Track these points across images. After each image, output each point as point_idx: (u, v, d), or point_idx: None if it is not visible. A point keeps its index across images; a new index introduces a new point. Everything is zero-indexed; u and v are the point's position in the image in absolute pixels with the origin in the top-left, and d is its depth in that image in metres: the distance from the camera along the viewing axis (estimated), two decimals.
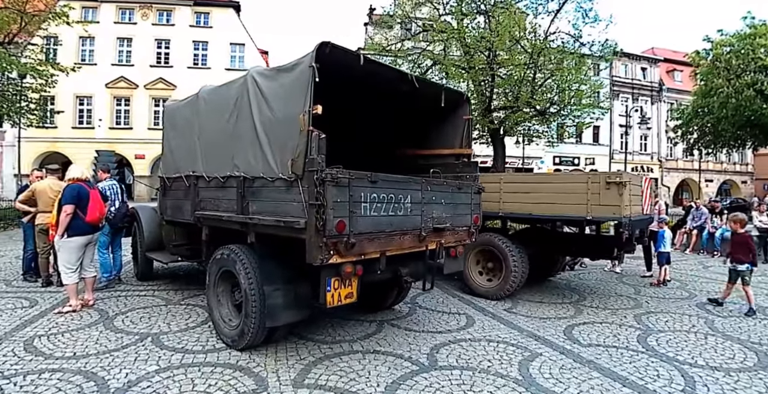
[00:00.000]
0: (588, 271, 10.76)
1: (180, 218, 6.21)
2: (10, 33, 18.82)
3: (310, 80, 3.93)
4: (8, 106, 18.74)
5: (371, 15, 39.95)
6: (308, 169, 3.84)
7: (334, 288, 4.16)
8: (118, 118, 34.65)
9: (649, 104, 44.51)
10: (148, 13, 35.34)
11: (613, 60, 19.87)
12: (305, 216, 3.89)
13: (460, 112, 6.12)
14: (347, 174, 3.92)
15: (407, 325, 6.12)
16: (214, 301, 5.29)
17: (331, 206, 3.79)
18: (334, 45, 4.15)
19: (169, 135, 6.61)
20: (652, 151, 45.59)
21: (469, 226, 5.74)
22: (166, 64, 35.33)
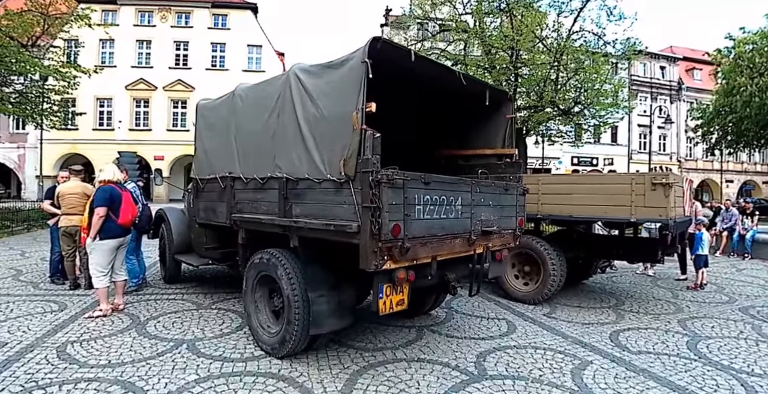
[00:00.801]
0: (620, 274, 10.48)
1: (214, 221, 5.99)
2: (33, 36, 18.82)
3: (362, 77, 3.70)
4: (32, 107, 18.73)
5: (387, 16, 39.80)
6: (362, 170, 3.61)
7: (386, 295, 3.94)
8: (138, 120, 34.73)
9: (668, 103, 43.83)
10: (167, 16, 35.39)
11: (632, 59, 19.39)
12: (357, 220, 3.67)
13: (503, 111, 5.86)
14: (402, 175, 3.69)
15: (447, 331, 5.90)
16: (251, 307, 5.07)
17: (387, 209, 3.56)
18: (384, 40, 3.93)
19: (202, 135, 6.40)
20: (671, 151, 44.88)
21: (514, 229, 5.50)
22: (184, 66, 35.34)
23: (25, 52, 17.21)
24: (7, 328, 5.47)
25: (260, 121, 5.01)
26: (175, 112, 35.13)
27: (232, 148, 5.47)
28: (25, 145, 34.02)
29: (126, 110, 34.26)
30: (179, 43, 35.53)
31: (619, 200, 6.71)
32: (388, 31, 38.89)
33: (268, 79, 5.16)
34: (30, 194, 32.83)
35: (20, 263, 9.88)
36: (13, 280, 8.16)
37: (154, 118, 34.72)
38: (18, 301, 6.69)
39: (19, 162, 34.33)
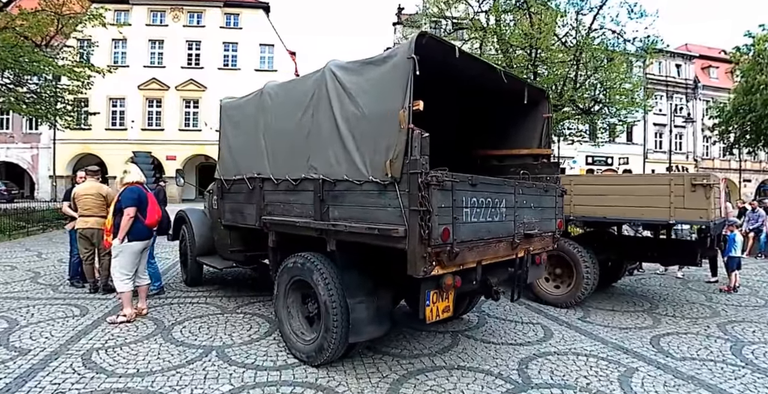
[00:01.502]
0: (648, 276, 10.26)
1: (241, 223, 5.82)
2: (47, 36, 18.77)
3: (409, 74, 3.52)
4: (46, 107, 18.69)
5: (400, 14, 39.60)
6: (410, 171, 3.43)
7: (432, 302, 3.77)
8: (150, 120, 34.73)
9: (684, 102, 43.33)
10: (179, 15, 35.36)
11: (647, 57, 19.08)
12: (404, 223, 3.48)
13: (540, 110, 5.66)
14: (451, 177, 3.50)
15: (483, 336, 5.72)
16: (283, 313, 4.90)
17: (437, 213, 3.38)
18: (430, 35, 3.74)
19: (228, 134, 6.20)
20: (688, 150, 44.35)
21: (553, 231, 5.32)
22: (196, 66, 35.27)
23: (39, 52, 17.14)
24: (29, 333, 5.33)
25: (292, 120, 4.82)
26: (187, 111, 35.11)
27: (261, 148, 5.29)
28: (38, 145, 34.10)
29: (138, 110, 34.27)
30: (191, 43, 35.47)
31: (657, 201, 6.50)
32: (400, 29, 38.74)
33: (302, 76, 4.97)
34: (43, 194, 32.94)
35: (38, 265, 9.77)
36: (32, 282, 8.05)
37: (166, 117, 34.69)
38: (38, 305, 6.56)
39: (32, 162, 34.41)
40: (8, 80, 18.39)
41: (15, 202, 27.52)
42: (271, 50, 36.33)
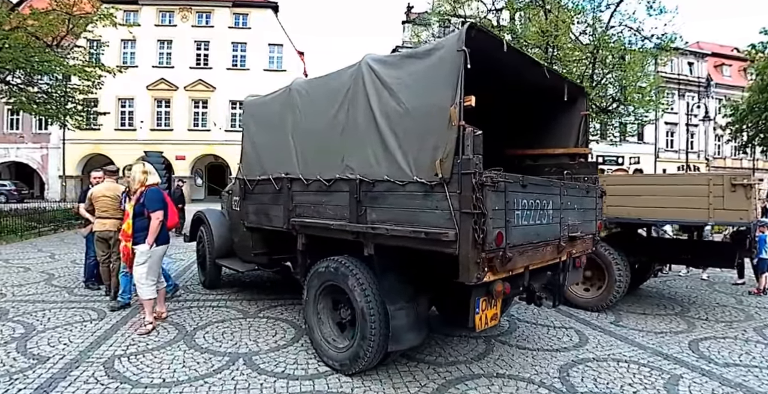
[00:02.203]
0: (672, 278, 9.99)
1: (267, 225, 5.60)
2: (57, 36, 18.65)
3: (459, 67, 3.29)
4: (57, 107, 18.57)
5: (409, 13, 39.43)
6: (462, 171, 3.20)
7: (481, 309, 3.55)
8: (159, 120, 34.63)
9: (696, 100, 42.85)
10: (188, 15, 35.23)
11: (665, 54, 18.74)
12: (454, 227, 3.25)
13: (578, 107, 5.43)
14: (505, 177, 3.28)
15: (517, 342, 5.51)
16: (313, 319, 4.69)
17: (491, 215, 3.15)
18: (480, 28, 3.51)
19: (251, 132, 5.98)
20: (699, 149, 43.90)
21: (594, 233, 5.09)
22: (205, 66, 35.15)
23: (50, 51, 17.01)
24: (47, 339, 5.13)
25: (325, 118, 4.59)
26: (196, 112, 34.99)
27: (290, 146, 5.06)
28: (47, 145, 34.07)
29: (147, 110, 34.17)
30: (200, 43, 35.33)
31: (695, 201, 6.26)
32: (410, 28, 38.54)
33: (335, 71, 4.74)
34: (53, 194, 32.88)
35: (51, 267, 9.60)
36: (46, 285, 7.87)
37: (175, 118, 34.57)
38: (54, 308, 6.37)
39: (42, 162, 34.39)
40: (19, 80, 18.28)
41: (25, 202, 27.49)
42: (279, 50, 36.14)
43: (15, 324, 5.65)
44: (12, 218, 15.71)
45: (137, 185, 5.64)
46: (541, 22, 16.53)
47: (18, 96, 17.58)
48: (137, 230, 5.48)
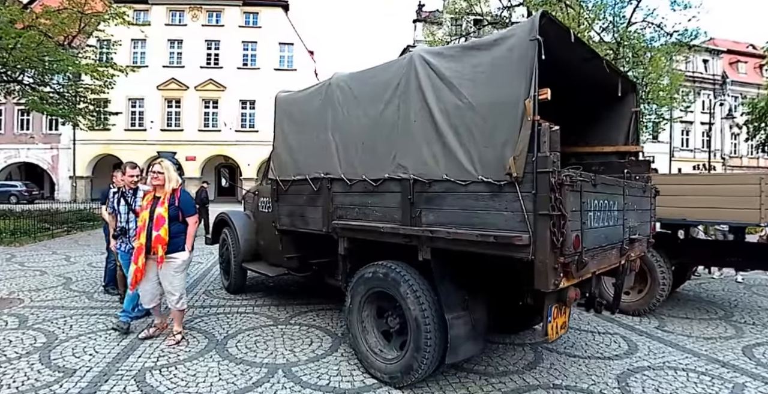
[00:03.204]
0: (706, 281, 9.72)
1: (302, 228, 5.35)
2: (69, 35, 18.55)
3: (533, 58, 3.05)
4: (69, 107, 18.47)
5: (420, 11, 39.26)
6: (538, 169, 2.96)
7: (553, 318, 3.32)
8: (169, 120, 34.57)
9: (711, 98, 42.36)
10: (198, 15, 35.15)
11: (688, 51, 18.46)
12: (527, 230, 3.01)
13: (629, 103, 5.18)
14: (583, 176, 3.05)
15: (565, 349, 5.26)
16: (358, 328, 4.43)
17: (570, 217, 2.92)
18: (549, 16, 3.27)
19: (285, 130, 5.72)
20: (715, 148, 43.41)
21: (648, 235, 4.85)
22: (215, 65, 35.05)
23: (62, 51, 16.88)
24: (71, 350, 4.88)
25: (371, 115, 4.34)
26: (206, 112, 34.90)
27: (330, 145, 4.80)
28: (58, 146, 34.08)
29: (158, 110, 34.11)
30: (210, 42, 35.23)
31: (745, 202, 5.97)
32: (420, 26, 38.39)
33: (381, 64, 4.49)
34: (63, 195, 32.93)
35: (68, 270, 9.40)
36: (65, 289, 7.66)
37: (185, 118, 34.49)
38: (75, 315, 6.15)
39: (52, 163, 34.40)
40: (31, 80, 18.18)
41: (35, 203, 27.48)
42: (290, 49, 35.98)
43: (36, 332, 5.41)
44: (25, 219, 15.61)
45: (176, 185, 5.19)
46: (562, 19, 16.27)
47: (30, 96, 17.49)
48: (172, 236, 5.04)
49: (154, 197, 5.09)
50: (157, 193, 5.10)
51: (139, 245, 4.90)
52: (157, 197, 5.08)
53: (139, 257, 4.87)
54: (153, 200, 5.06)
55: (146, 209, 5.03)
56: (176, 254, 5.05)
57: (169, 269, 5.02)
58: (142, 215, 5.04)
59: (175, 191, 5.14)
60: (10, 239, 13.69)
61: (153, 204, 5.02)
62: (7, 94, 18.98)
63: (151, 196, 5.12)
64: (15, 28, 15.05)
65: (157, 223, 4.91)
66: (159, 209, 4.95)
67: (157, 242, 4.88)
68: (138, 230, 4.97)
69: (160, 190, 5.11)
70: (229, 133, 34.39)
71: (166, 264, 4.97)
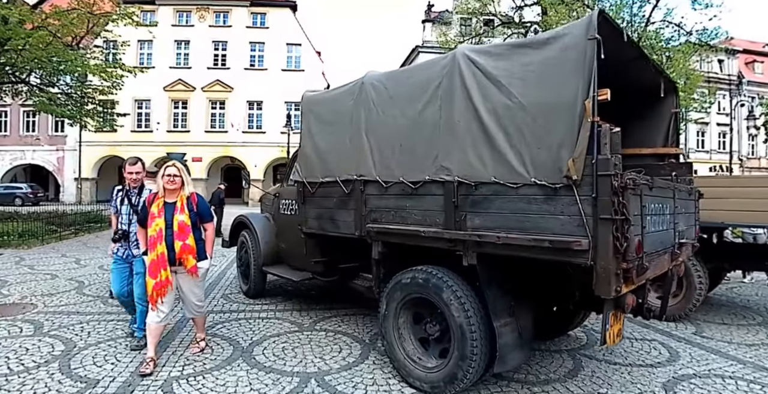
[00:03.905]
0: (737, 285, 9.56)
1: (332, 232, 5.27)
2: (77, 35, 18.60)
3: (591, 57, 2.99)
4: (77, 108, 18.49)
5: (430, 11, 39.25)
6: (599, 172, 2.88)
7: (610, 325, 3.24)
8: (176, 122, 34.68)
9: (727, 99, 42.09)
10: (205, 15, 35.27)
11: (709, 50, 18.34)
12: (586, 234, 2.93)
13: (669, 104, 5.10)
14: (645, 179, 2.97)
15: (604, 356, 5.15)
16: (394, 335, 4.34)
17: (634, 221, 2.84)
18: (604, 14, 3.19)
19: (312, 131, 5.65)
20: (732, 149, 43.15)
21: (694, 239, 4.76)
22: (223, 66, 35.16)
23: (71, 51, 16.90)
24: (92, 358, 4.77)
25: (409, 114, 4.26)
26: (213, 113, 35.00)
27: (363, 146, 4.72)
28: (63, 147, 34.22)
29: (164, 112, 34.24)
30: (217, 43, 35.35)
31: None
32: (429, 27, 38.37)
33: (421, 63, 4.43)
34: (69, 197, 33.03)
35: (79, 273, 9.34)
36: (78, 294, 7.60)
37: (192, 119, 34.61)
38: (92, 321, 6.07)
39: (57, 165, 34.54)
40: (39, 80, 18.23)
41: (41, 205, 27.55)
42: (298, 50, 36.02)
43: (53, 339, 5.32)
44: (32, 221, 15.62)
45: (192, 189, 4.89)
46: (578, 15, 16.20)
47: (39, 96, 17.54)
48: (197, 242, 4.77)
49: (164, 203, 4.62)
50: (168, 199, 4.65)
51: (157, 256, 4.44)
52: (169, 202, 4.64)
53: (160, 269, 4.44)
54: (164, 206, 4.60)
55: (159, 216, 4.53)
56: (200, 263, 4.75)
57: (194, 278, 4.75)
58: (155, 222, 4.51)
59: (192, 196, 4.80)
60: (17, 242, 13.69)
61: (167, 211, 4.57)
62: (15, 95, 19.05)
63: (161, 201, 4.61)
64: (24, 29, 15.09)
65: (182, 231, 4.55)
66: (180, 217, 4.57)
67: (187, 251, 4.56)
68: (153, 240, 4.47)
69: (171, 195, 4.68)
70: (236, 135, 34.45)
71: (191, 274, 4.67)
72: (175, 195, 4.68)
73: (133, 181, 5.11)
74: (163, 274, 4.44)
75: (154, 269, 4.44)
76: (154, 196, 4.71)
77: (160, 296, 4.48)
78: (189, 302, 4.91)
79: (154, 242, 4.46)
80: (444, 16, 37.92)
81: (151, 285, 4.45)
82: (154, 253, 4.44)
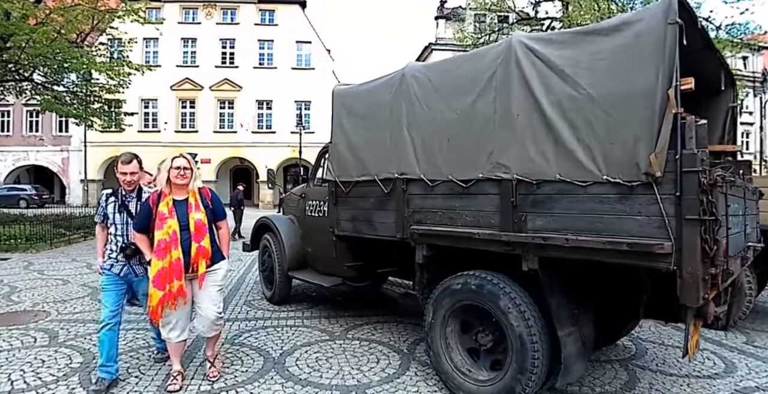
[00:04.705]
0: None
1: (369, 234, 5.12)
2: (82, 32, 18.57)
3: (672, 43, 2.81)
4: (84, 107, 18.44)
5: (442, 8, 39.17)
6: (684, 168, 2.71)
7: (692, 335, 3.09)
8: (184, 122, 34.76)
9: (750, 97, 41.58)
10: (212, 12, 35.31)
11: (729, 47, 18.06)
12: (668, 236, 2.77)
13: (727, 98, 4.92)
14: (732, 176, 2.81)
15: (658, 367, 4.97)
16: (440, 344, 4.17)
17: (723, 222, 2.68)
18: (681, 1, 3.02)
19: (345, 128, 5.47)
20: (755, 150, 42.64)
21: (758, 242, 4.59)
22: (231, 65, 35.21)
23: (76, 49, 16.85)
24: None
25: (457, 107, 4.09)
26: (221, 112, 35.05)
27: (405, 143, 4.56)
28: (68, 148, 34.33)
29: (171, 111, 34.29)
30: (225, 41, 35.40)
31: None
32: (442, 23, 38.27)
33: (469, 53, 4.27)
34: (74, 199, 33.07)
35: (91, 279, 9.17)
36: (92, 300, 7.47)
37: (200, 119, 34.66)
38: None
39: (62, 166, 34.64)
40: (44, 78, 18.19)
41: (46, 207, 27.54)
42: (308, 47, 36.00)
43: (70, 350, 5.11)
44: (40, 224, 15.54)
45: (201, 184, 4.36)
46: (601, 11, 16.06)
47: (43, 95, 17.50)
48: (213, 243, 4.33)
49: (174, 201, 4.08)
50: (177, 195, 4.12)
51: (170, 264, 3.89)
52: (179, 199, 4.11)
53: (173, 278, 3.89)
54: (174, 204, 4.06)
55: (171, 216, 3.98)
56: (218, 265, 4.30)
57: (211, 283, 4.23)
58: (166, 224, 3.95)
59: (204, 191, 4.30)
60: (25, 246, 13.64)
61: (179, 209, 4.06)
62: (19, 94, 19.03)
63: (170, 199, 4.06)
64: (28, 24, 15.02)
65: (199, 232, 4.05)
66: (197, 215, 4.07)
67: (202, 255, 4.06)
68: (166, 245, 3.90)
69: (180, 191, 4.14)
70: (245, 135, 34.42)
71: (206, 279, 4.16)
72: (184, 191, 4.12)
73: (128, 184, 4.26)
74: (176, 284, 3.89)
75: (163, 279, 3.84)
76: (159, 193, 4.11)
77: (171, 307, 3.96)
78: (207, 311, 4.22)
79: (167, 247, 3.88)
80: (458, 12, 37.80)
81: (157, 298, 3.83)
82: (165, 260, 3.86)
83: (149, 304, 3.88)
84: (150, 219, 4.04)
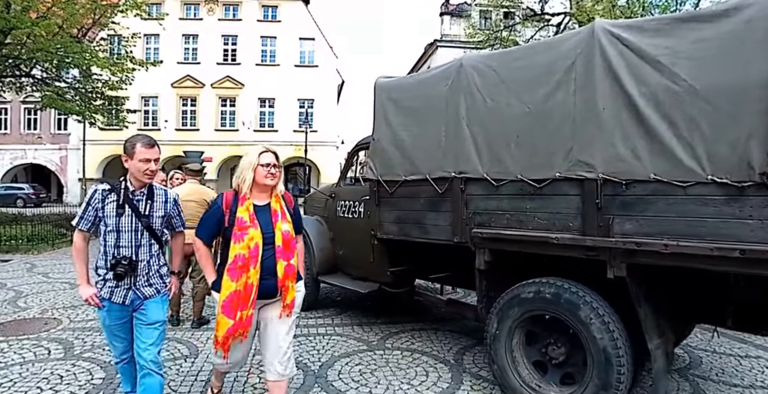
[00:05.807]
0: None
1: (418, 237, 4.89)
2: (83, 27, 18.38)
3: None
4: (85, 103, 18.23)
5: (447, 4, 39.08)
6: None
7: None
8: (184, 119, 34.49)
9: None
10: (214, 8, 35.05)
11: None
12: None
13: None
14: None
15: (719, 377, 4.79)
16: (507, 358, 3.96)
17: None
18: None
19: (392, 123, 5.20)
20: None
21: None
22: (233, 62, 34.92)
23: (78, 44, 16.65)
24: None
25: (527, 102, 3.87)
26: (223, 110, 34.77)
27: (464, 139, 4.33)
28: (67, 146, 34.12)
29: (172, 109, 34.04)
30: (227, 37, 35.12)
31: None
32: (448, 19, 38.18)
33: (538, 42, 4.07)
34: (72, 198, 32.84)
35: None
36: None
37: (201, 117, 34.40)
38: None
39: (60, 164, 34.43)
40: (45, 74, 17.99)
41: (43, 206, 27.32)
42: (311, 44, 35.67)
43: (89, 364, 4.80)
44: (40, 224, 15.34)
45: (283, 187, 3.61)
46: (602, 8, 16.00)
47: (45, 91, 17.30)
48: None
49: (254, 206, 3.29)
50: (258, 200, 3.33)
51: (245, 286, 3.11)
52: (259, 205, 3.32)
53: (247, 305, 3.13)
54: (255, 211, 3.27)
55: (254, 225, 3.20)
56: (299, 285, 3.47)
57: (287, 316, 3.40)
58: (248, 235, 3.17)
59: (287, 196, 3.52)
60: (26, 246, 13.42)
61: (261, 217, 3.27)
62: (18, 90, 18.81)
63: (250, 203, 3.26)
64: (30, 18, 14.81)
65: (287, 247, 3.28)
66: (284, 226, 3.30)
67: (292, 277, 3.30)
68: (244, 261, 3.11)
69: (261, 194, 3.37)
70: (247, 133, 34.13)
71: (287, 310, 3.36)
72: (266, 194, 3.36)
73: (150, 175, 3.28)
74: (247, 312, 3.13)
75: (234, 304, 3.09)
76: (234, 195, 3.34)
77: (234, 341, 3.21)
78: (275, 352, 3.36)
79: (245, 265, 3.10)
80: (463, 8, 37.69)
81: (226, 327, 3.09)
82: (241, 281, 3.09)
83: (215, 333, 3.15)
84: (221, 228, 3.35)
